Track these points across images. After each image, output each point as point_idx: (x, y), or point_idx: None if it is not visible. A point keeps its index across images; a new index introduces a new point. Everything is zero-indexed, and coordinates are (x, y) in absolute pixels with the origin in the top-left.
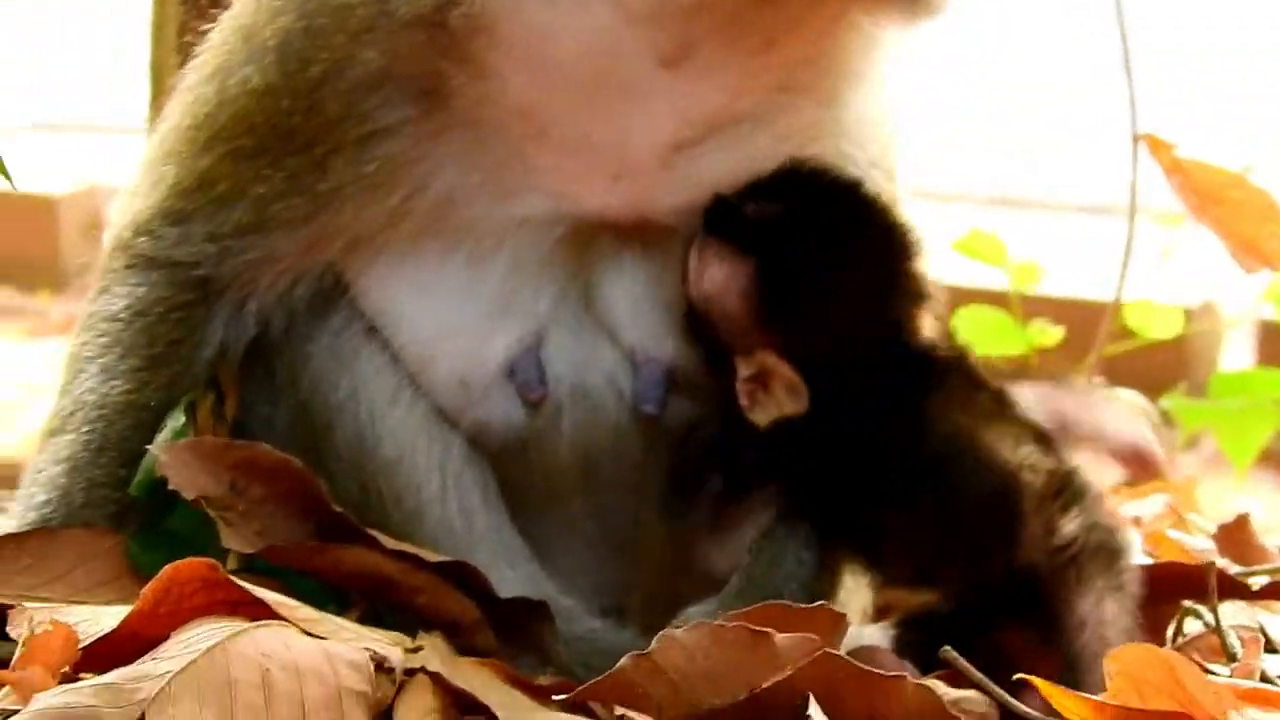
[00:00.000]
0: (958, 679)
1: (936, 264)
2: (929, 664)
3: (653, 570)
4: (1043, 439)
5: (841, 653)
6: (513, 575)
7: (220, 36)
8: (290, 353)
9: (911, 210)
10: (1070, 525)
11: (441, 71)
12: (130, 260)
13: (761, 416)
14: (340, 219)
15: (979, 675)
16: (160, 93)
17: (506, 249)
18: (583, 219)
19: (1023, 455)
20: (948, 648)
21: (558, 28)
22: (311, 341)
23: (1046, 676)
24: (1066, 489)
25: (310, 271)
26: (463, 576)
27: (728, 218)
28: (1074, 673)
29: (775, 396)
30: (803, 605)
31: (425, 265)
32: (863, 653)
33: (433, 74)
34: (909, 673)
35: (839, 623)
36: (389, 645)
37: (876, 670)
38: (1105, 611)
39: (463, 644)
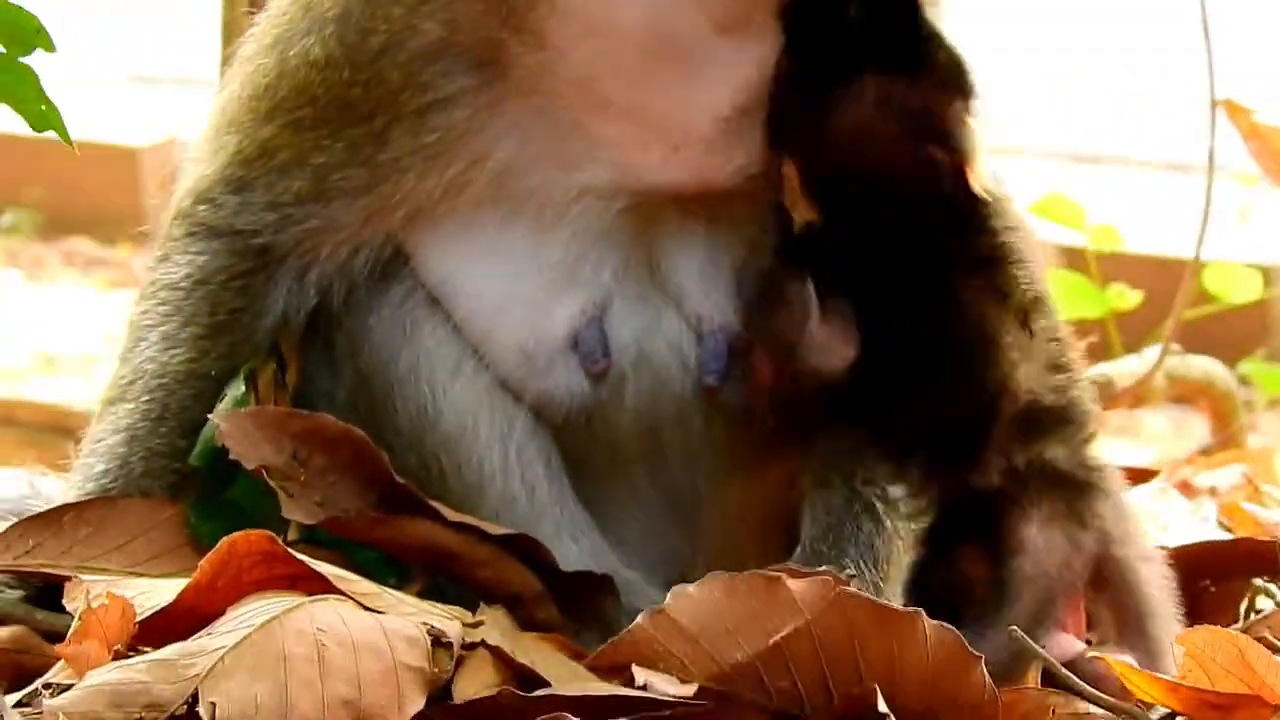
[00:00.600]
0: None
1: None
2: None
3: (716, 541)
4: (1058, 367)
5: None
6: (576, 548)
7: (280, 5)
8: (351, 324)
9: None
10: (1033, 453)
11: (500, 41)
12: (191, 228)
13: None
14: (400, 189)
15: (1040, 650)
16: (232, 54)
17: (569, 219)
18: (645, 189)
19: (1020, 374)
20: (1014, 628)
21: None
22: (372, 313)
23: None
24: (1046, 418)
25: (371, 242)
26: (525, 549)
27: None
28: (1001, 595)
29: (792, 201)
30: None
31: (486, 235)
32: None
33: (491, 44)
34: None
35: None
36: (448, 620)
37: (892, 607)
38: (1048, 539)
39: (524, 618)
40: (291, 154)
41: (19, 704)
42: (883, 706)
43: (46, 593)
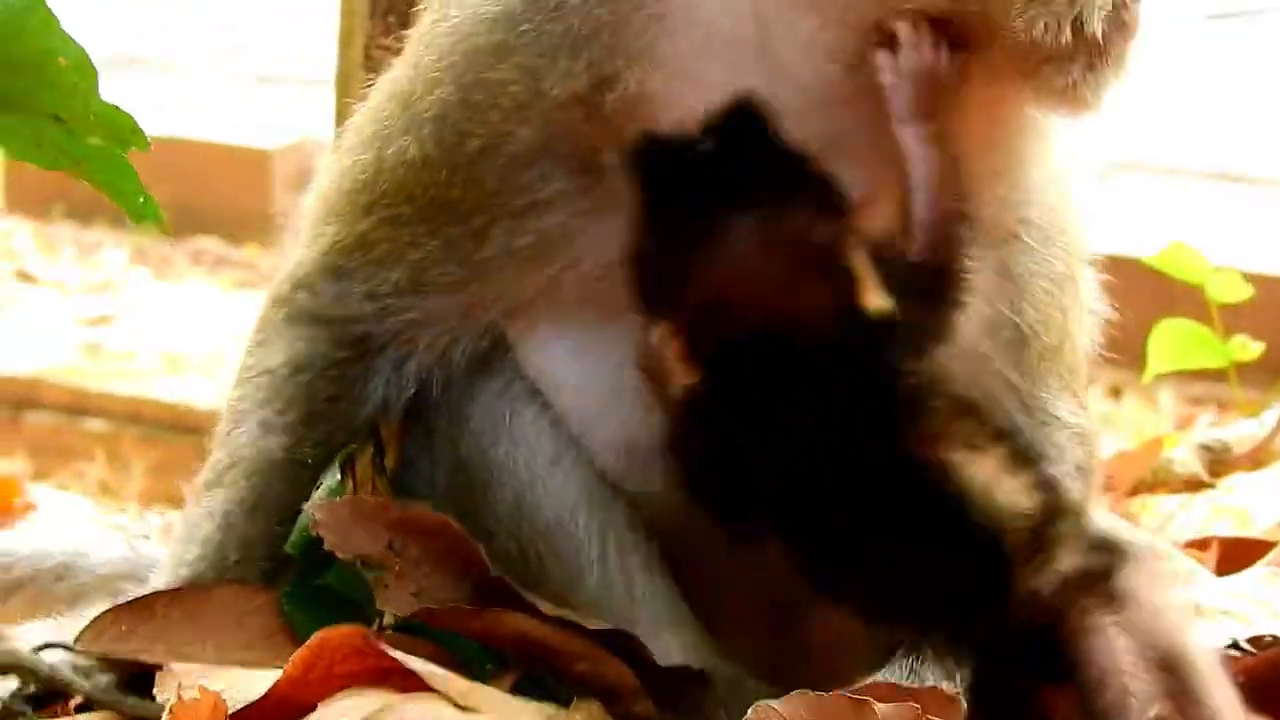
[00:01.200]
0: None
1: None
2: None
3: (820, 637)
4: (1024, 460)
5: None
6: (674, 641)
7: (378, 100)
8: (451, 410)
9: (1091, 286)
10: (1059, 566)
11: (595, 149)
12: (290, 314)
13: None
14: (497, 287)
15: None
16: (346, 103)
17: None
18: None
19: (1008, 498)
20: None
21: None
22: (472, 401)
23: None
24: (1050, 523)
25: (469, 333)
26: (622, 644)
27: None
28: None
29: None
30: (914, 686)
31: (586, 331)
32: None
33: (588, 151)
34: None
35: (951, 705)
36: (542, 718)
37: None
38: (1117, 651)
39: (621, 713)
40: (389, 248)
41: None
42: None
43: (137, 679)
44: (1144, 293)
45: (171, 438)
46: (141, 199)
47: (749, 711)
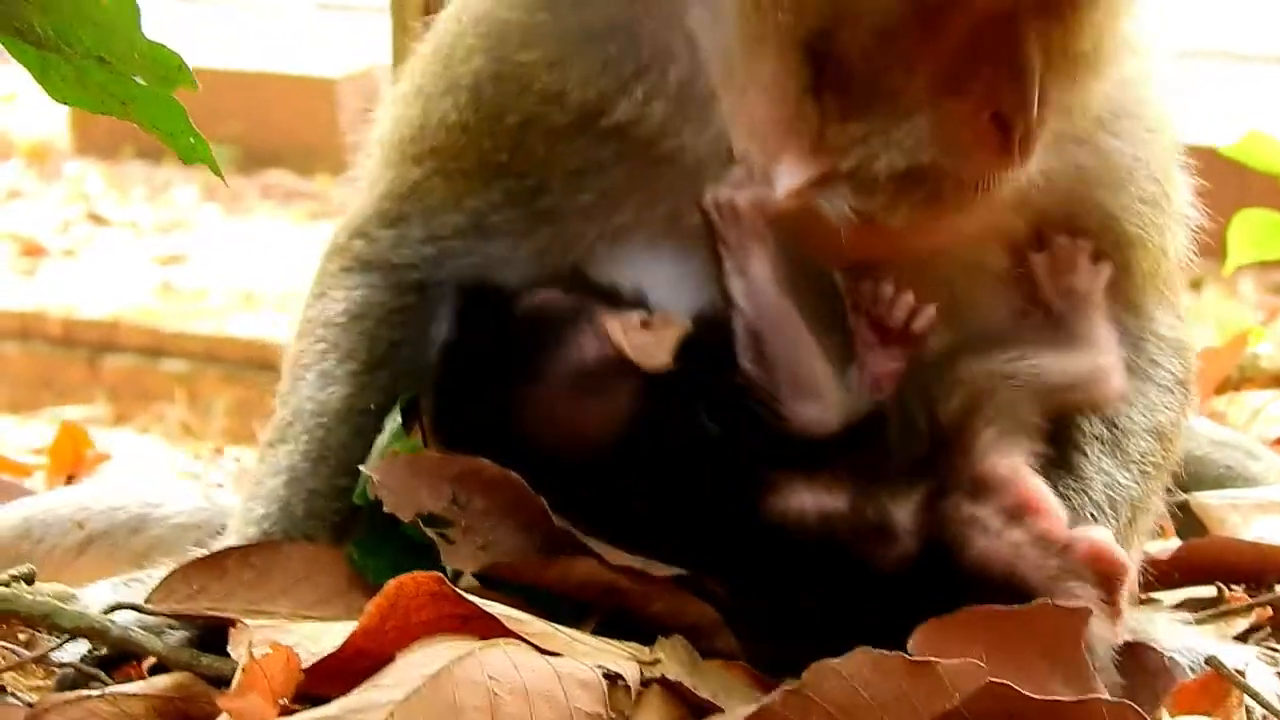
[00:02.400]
0: None
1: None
2: None
3: None
4: None
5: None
6: None
7: (426, 49)
8: None
9: (1184, 190)
10: None
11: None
12: (346, 263)
13: None
14: (564, 236)
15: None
16: (401, 34)
17: None
18: None
19: None
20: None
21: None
22: None
23: None
24: None
25: (538, 279)
26: (694, 584)
27: None
28: None
29: None
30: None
31: (668, 259)
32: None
33: (627, 124)
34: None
35: None
36: (625, 659)
37: (1061, 700)
38: None
39: (705, 648)
40: (444, 195)
41: None
42: None
43: (211, 635)
44: (1222, 182)
45: (250, 374)
46: (191, 139)
47: (804, 674)
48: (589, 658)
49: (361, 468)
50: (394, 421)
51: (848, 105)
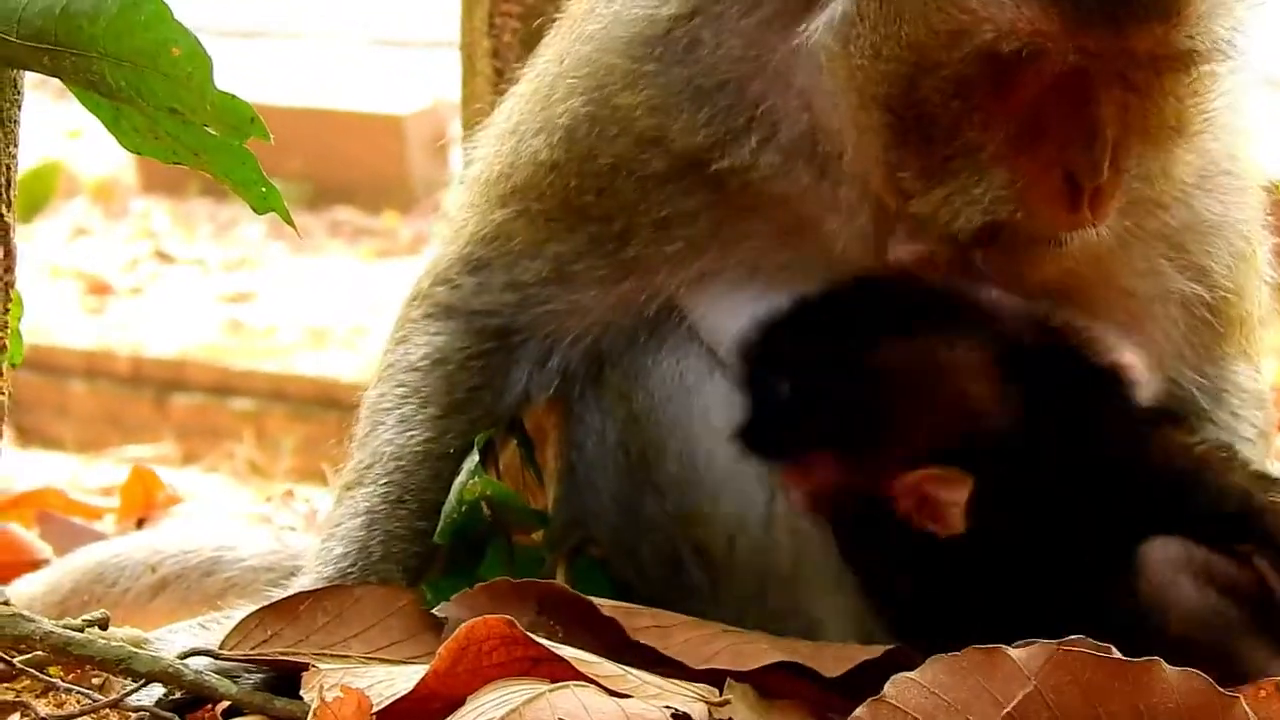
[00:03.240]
0: None
1: None
2: None
3: None
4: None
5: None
6: (831, 606)
7: (524, 87)
8: (627, 364)
9: (1266, 250)
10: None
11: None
12: (429, 310)
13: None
14: (648, 285)
15: None
16: (471, 72)
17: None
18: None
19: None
20: None
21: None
22: (649, 355)
23: None
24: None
25: (621, 322)
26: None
27: None
28: None
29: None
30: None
31: (755, 297)
32: None
33: (713, 182)
34: None
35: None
36: (693, 700)
37: (1123, 659)
38: None
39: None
40: (527, 240)
41: None
42: None
43: (286, 679)
44: None
45: (317, 412)
46: (264, 189)
47: (886, 686)
48: (658, 699)
49: (450, 496)
50: (472, 461)
51: (929, 163)
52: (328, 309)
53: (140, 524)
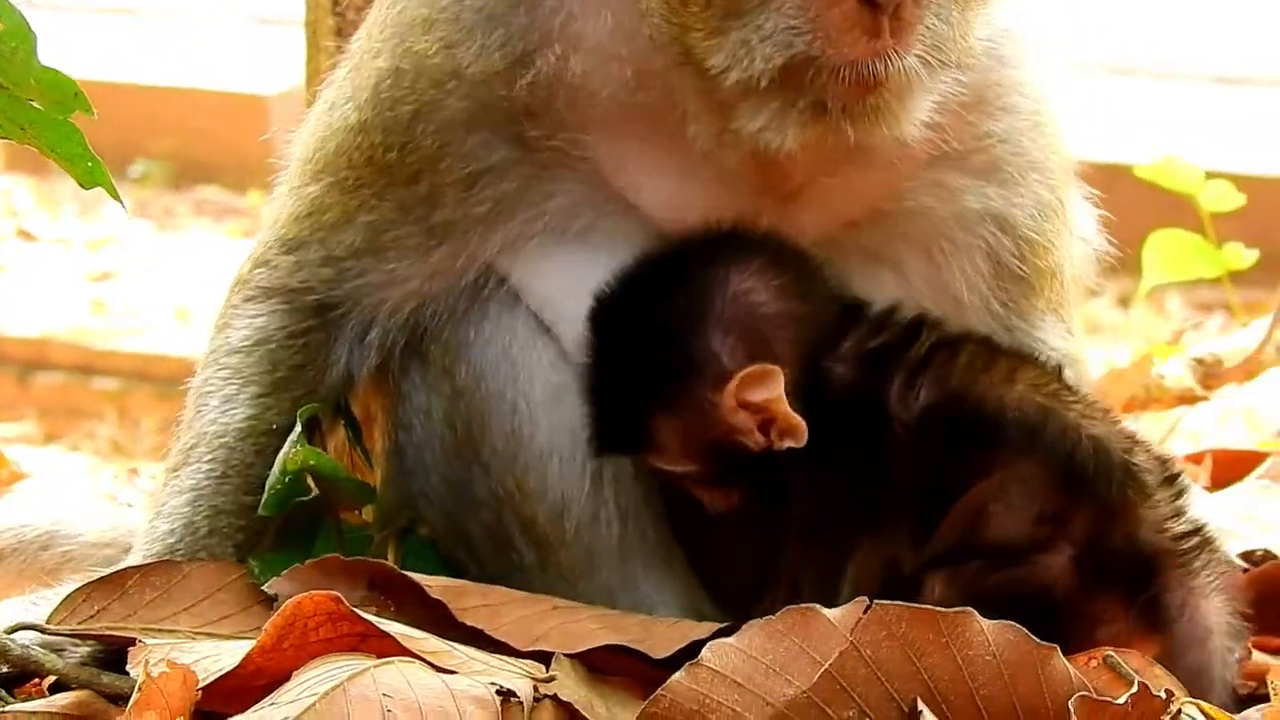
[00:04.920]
0: None
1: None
2: None
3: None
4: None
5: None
6: (658, 582)
7: (339, 71)
8: (449, 338)
9: (1079, 210)
10: (1191, 513)
11: (522, 123)
12: (249, 293)
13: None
14: (463, 249)
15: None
16: (313, 53)
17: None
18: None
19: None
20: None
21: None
22: (470, 326)
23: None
24: (1177, 478)
25: (440, 292)
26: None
27: None
28: (1198, 677)
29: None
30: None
31: (581, 264)
32: None
33: (516, 124)
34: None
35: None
36: (519, 676)
37: (936, 609)
38: (1213, 610)
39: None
40: (339, 212)
41: None
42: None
43: (114, 654)
44: (1143, 200)
45: (181, 392)
46: (89, 163)
47: (704, 650)
48: (484, 675)
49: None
50: (295, 433)
51: (717, 7)
52: (193, 288)
53: None
